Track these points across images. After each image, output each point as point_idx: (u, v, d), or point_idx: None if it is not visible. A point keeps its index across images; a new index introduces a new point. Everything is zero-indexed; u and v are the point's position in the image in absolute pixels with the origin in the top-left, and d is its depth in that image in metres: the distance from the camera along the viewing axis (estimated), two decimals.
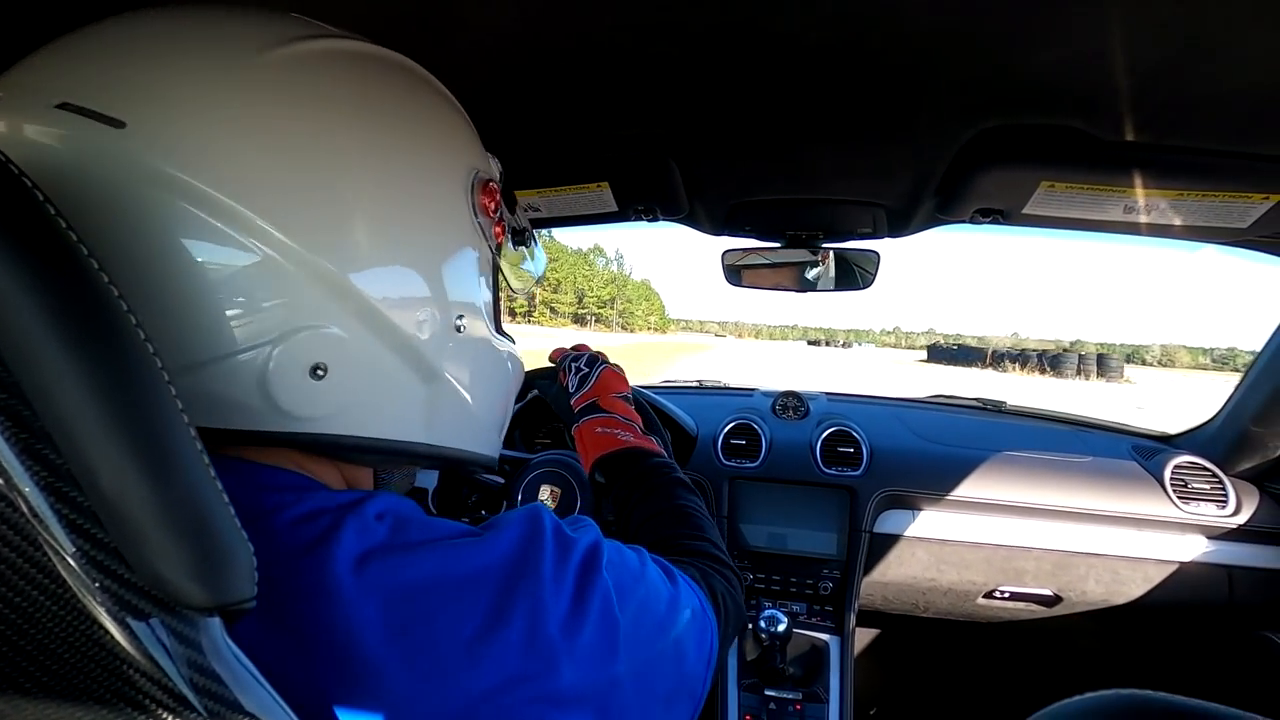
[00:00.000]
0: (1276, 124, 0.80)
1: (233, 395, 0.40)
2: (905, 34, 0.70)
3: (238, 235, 0.38)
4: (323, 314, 0.41)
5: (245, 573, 0.30)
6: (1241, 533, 1.34)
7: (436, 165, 0.49)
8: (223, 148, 0.39)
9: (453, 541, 0.42)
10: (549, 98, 0.91)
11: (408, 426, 0.48)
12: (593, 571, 0.45)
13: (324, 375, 0.42)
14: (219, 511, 0.30)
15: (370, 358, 0.44)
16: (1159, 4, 0.62)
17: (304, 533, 0.39)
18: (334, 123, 0.43)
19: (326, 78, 0.43)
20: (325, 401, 0.43)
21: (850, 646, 1.36)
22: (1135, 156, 0.90)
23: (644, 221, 1.32)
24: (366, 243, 0.43)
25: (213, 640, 0.29)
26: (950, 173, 1.02)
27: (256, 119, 0.40)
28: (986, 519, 1.43)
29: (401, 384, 0.47)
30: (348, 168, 0.43)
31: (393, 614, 0.38)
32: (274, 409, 0.41)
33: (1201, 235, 1.07)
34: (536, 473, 1.13)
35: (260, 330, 0.40)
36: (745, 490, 1.50)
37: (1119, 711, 0.48)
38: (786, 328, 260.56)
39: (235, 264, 0.39)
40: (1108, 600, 1.40)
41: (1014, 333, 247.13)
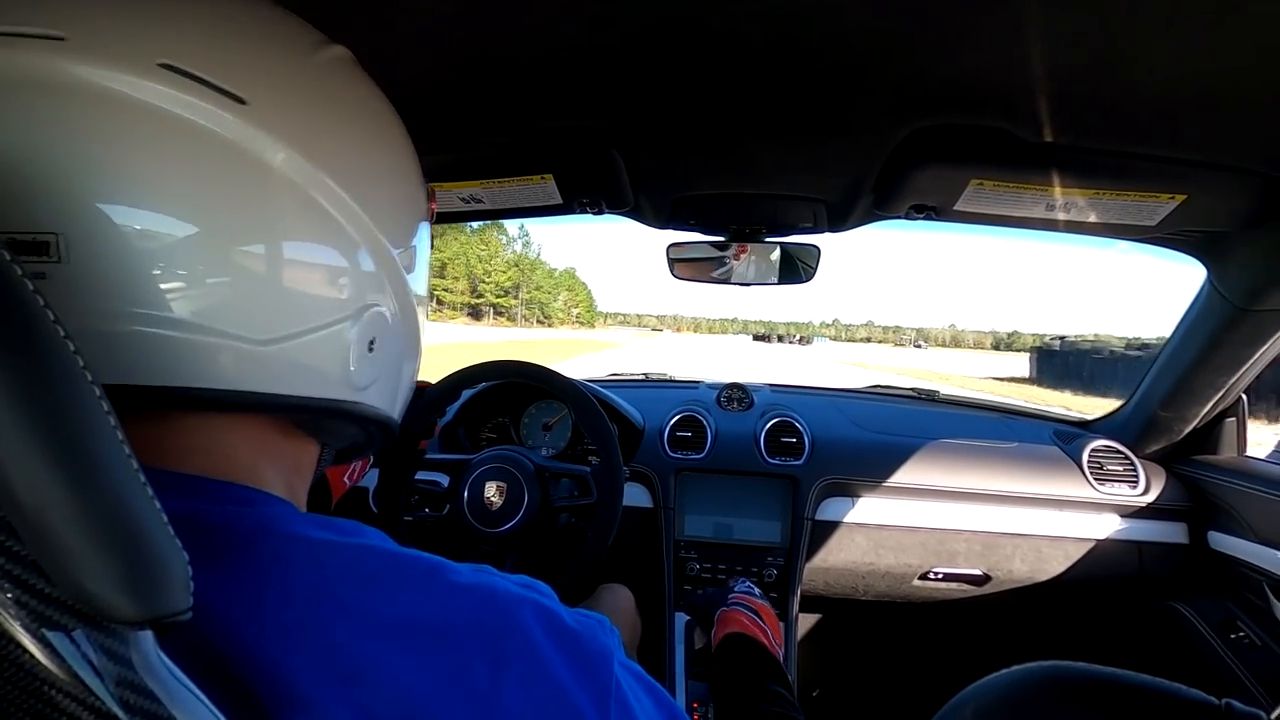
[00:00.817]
0: (1181, 128, 0.86)
1: (319, 364, 0.42)
2: (841, 33, 0.72)
3: (338, 216, 0.41)
4: (382, 292, 0.46)
5: (179, 583, 0.28)
6: (1150, 510, 1.44)
7: (417, 171, 0.54)
8: (324, 133, 0.41)
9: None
10: (491, 87, 0.90)
11: (393, 400, 0.51)
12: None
13: (374, 350, 0.45)
14: (149, 519, 0.28)
15: (399, 336, 0.48)
16: (1075, 15, 0.65)
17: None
18: (374, 120, 0.47)
19: (357, 79, 0.47)
20: (371, 374, 0.45)
21: (794, 631, 1.40)
22: (1056, 157, 0.95)
23: (589, 214, 1.31)
24: (403, 230, 0.48)
25: (144, 655, 0.27)
26: (886, 170, 1.05)
27: (337, 109, 0.43)
28: (921, 504, 1.49)
29: (403, 360, 0.51)
30: (390, 161, 0.48)
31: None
32: (345, 379, 0.43)
33: (1115, 232, 1.14)
34: (482, 470, 1.11)
35: (346, 305, 0.42)
36: (691, 481, 1.52)
37: (1042, 681, 0.51)
38: (727, 321, 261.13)
39: (336, 243, 0.42)
40: (1032, 578, 1.48)
41: (951, 324, 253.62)
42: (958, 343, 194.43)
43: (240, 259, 0.37)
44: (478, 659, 0.35)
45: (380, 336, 0.45)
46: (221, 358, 0.37)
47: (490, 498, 1.09)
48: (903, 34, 0.71)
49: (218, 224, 0.36)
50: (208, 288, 0.36)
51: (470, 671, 0.35)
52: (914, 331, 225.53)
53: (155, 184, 0.35)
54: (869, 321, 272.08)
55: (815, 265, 1.47)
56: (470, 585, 0.38)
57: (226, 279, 0.37)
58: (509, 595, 0.38)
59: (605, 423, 1.13)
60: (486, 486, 1.10)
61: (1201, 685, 0.47)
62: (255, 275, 0.38)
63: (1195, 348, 1.31)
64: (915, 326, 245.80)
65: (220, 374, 0.37)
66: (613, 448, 1.12)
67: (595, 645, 0.40)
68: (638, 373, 2.05)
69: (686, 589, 1.46)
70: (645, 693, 0.43)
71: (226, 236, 0.37)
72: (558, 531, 1.19)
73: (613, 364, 22.32)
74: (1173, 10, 0.63)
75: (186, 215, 0.36)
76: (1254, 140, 0.86)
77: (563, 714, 0.36)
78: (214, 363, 0.37)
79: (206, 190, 0.36)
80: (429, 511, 1.17)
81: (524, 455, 1.14)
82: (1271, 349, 1.24)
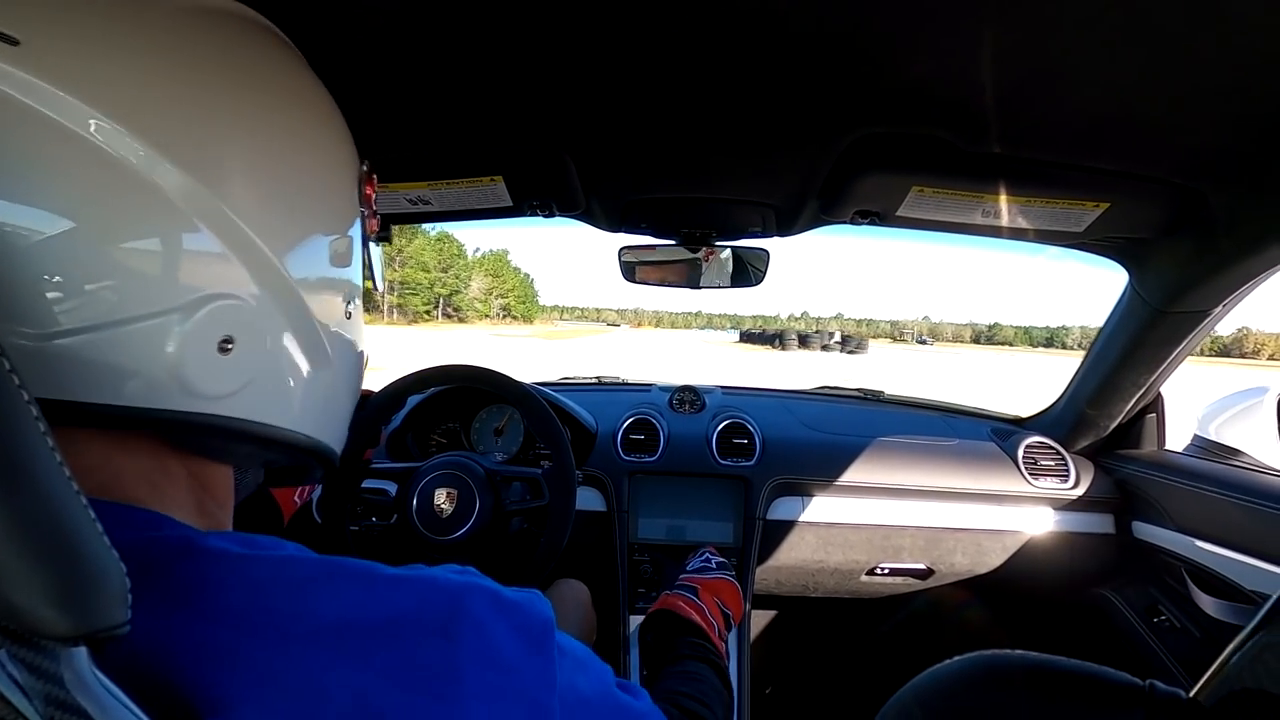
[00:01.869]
0: (1106, 142, 0.91)
1: (125, 366, 0.35)
2: (787, 41, 0.74)
3: (159, 182, 0.35)
4: (237, 282, 0.39)
5: (116, 595, 0.26)
6: (1081, 503, 1.52)
7: (334, 149, 0.48)
8: (135, 86, 0.35)
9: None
10: (439, 84, 0.88)
11: (294, 415, 0.45)
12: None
13: (230, 350, 0.38)
14: (83, 529, 0.26)
15: (274, 335, 0.42)
16: (1009, 34, 0.69)
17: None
18: (241, 83, 0.40)
19: (233, 35, 0.41)
20: (228, 379, 0.39)
21: (747, 630, 1.41)
22: (991, 166, 0.99)
23: (540, 217, 1.30)
24: (281, 212, 0.41)
25: (77, 672, 0.25)
26: (832, 176, 1.08)
27: (166, 60, 0.37)
28: (868, 501, 1.53)
29: (295, 367, 0.44)
30: (258, 129, 0.41)
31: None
32: (178, 384, 0.37)
33: (1046, 238, 1.20)
34: (431, 476, 1.09)
35: (172, 294, 0.36)
36: (645, 484, 1.52)
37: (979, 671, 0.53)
38: (690, 315, 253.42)
39: (144, 213, 0.35)
40: (973, 570, 1.53)
41: (924, 316, 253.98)
42: (936, 335, 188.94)
43: (3, 232, 0.31)
44: (429, 645, 0.34)
45: (243, 335, 0.39)
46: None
47: (440, 505, 1.07)
48: (847, 44, 0.73)
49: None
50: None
51: (423, 659, 0.34)
52: (888, 323, 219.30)
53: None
54: (839, 314, 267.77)
55: (765, 268, 1.50)
56: (408, 577, 0.37)
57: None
58: (449, 580, 0.38)
59: (557, 425, 1.12)
60: (436, 494, 1.07)
61: (1129, 668, 0.49)
62: (24, 251, 0.32)
63: (1119, 348, 1.38)
64: (890, 318, 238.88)
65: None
66: (565, 449, 1.11)
67: (537, 615, 0.40)
68: (590, 376, 2.05)
69: (640, 591, 1.46)
70: (585, 659, 0.44)
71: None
72: (510, 537, 1.18)
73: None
74: (1099, 33, 0.66)
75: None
76: (1170, 154, 0.91)
77: (514, 686, 0.36)
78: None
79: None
80: (376, 521, 1.14)
81: (475, 460, 1.12)
82: (1187, 348, 1.32)
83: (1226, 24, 0.63)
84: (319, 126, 0.47)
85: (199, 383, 0.37)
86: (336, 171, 0.48)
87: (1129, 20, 0.64)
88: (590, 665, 0.45)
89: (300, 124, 0.45)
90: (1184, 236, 1.08)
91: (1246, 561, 1.17)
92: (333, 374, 0.48)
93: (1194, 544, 1.28)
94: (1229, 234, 1.01)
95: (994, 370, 32.87)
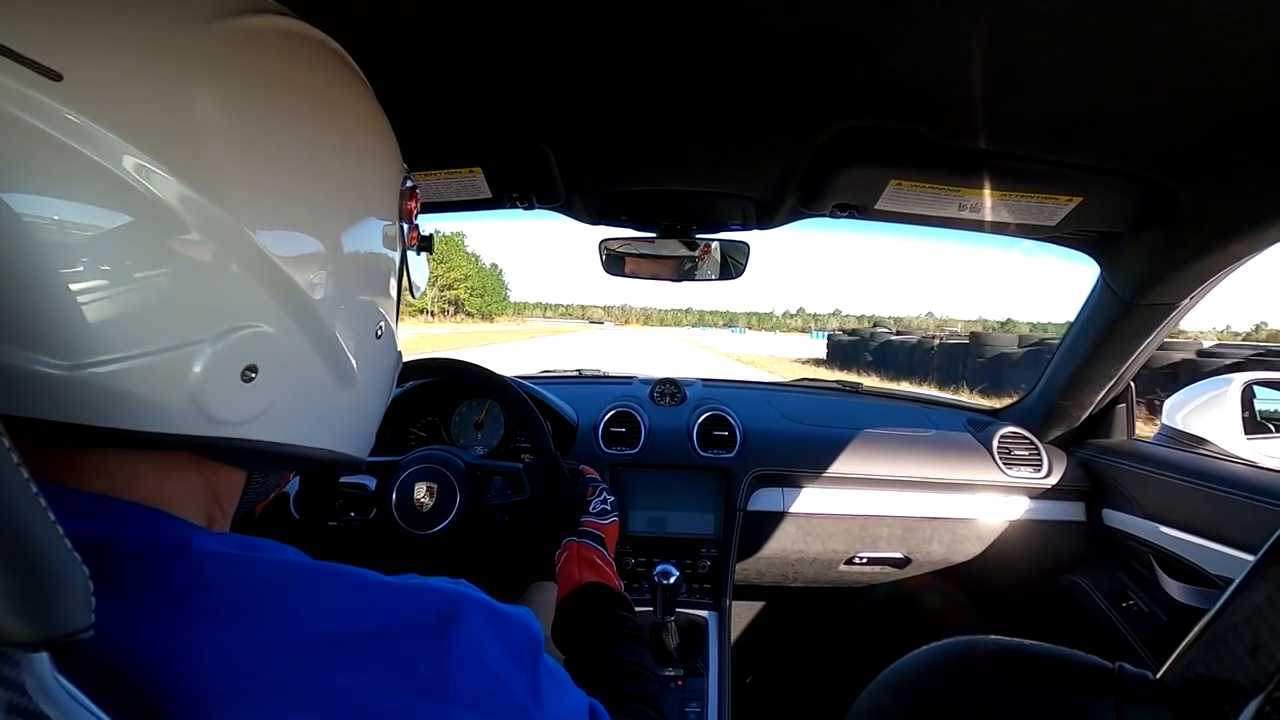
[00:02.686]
0: (1078, 137, 0.92)
1: (149, 395, 0.35)
2: (766, 34, 0.74)
3: (183, 216, 0.34)
4: (262, 312, 0.38)
5: (79, 600, 0.26)
6: (1053, 492, 1.55)
7: (375, 165, 0.47)
8: (171, 119, 0.34)
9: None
10: (416, 74, 0.87)
11: (316, 431, 0.45)
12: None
13: (254, 378, 0.39)
14: (42, 532, 0.25)
15: (300, 361, 0.42)
16: (983, 30, 0.69)
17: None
18: (283, 106, 0.40)
19: (276, 57, 0.40)
20: (251, 405, 0.39)
21: (728, 620, 1.43)
22: (968, 160, 1.00)
23: (520, 209, 1.29)
24: (311, 238, 0.41)
25: (39, 678, 0.25)
26: (811, 169, 1.09)
27: (205, 92, 0.36)
28: (847, 492, 1.54)
29: (320, 388, 0.44)
30: (295, 156, 0.40)
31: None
32: (199, 412, 0.37)
33: (1021, 232, 1.22)
34: (411, 470, 1.08)
35: (196, 325, 0.36)
36: (626, 476, 1.52)
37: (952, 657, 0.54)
38: (680, 311, 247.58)
39: (176, 248, 0.35)
40: (949, 559, 1.56)
41: (928, 312, 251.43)
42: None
43: (24, 268, 0.31)
44: (423, 652, 0.35)
45: (267, 362, 0.39)
46: (28, 382, 0.33)
47: (420, 499, 1.06)
48: (826, 37, 0.74)
49: (9, 219, 0.31)
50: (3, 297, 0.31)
51: (418, 665, 0.34)
52: (892, 319, 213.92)
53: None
54: (836, 310, 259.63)
55: (745, 261, 1.50)
56: (405, 585, 0.37)
57: (18, 288, 0.31)
58: (445, 590, 0.38)
59: (538, 418, 1.12)
60: (416, 488, 1.06)
61: (1098, 651, 0.50)
62: (58, 284, 0.32)
63: (1090, 340, 1.41)
64: (894, 315, 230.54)
65: (32, 400, 0.33)
66: (546, 443, 1.10)
67: (527, 632, 0.40)
68: (571, 369, 2.04)
69: (622, 582, 1.46)
70: (566, 681, 0.45)
71: (22, 240, 0.31)
72: (491, 531, 1.18)
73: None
74: (1070, 30, 0.67)
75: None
76: (1140, 149, 0.93)
77: (504, 697, 0.37)
78: (22, 387, 0.33)
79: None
80: (355, 516, 1.13)
81: (455, 454, 1.12)
82: (1156, 339, 1.35)
83: (1194, 23, 0.64)
84: (361, 147, 0.46)
85: (220, 410, 0.38)
86: (378, 191, 0.47)
87: (1099, 18, 0.65)
88: (570, 688, 0.45)
89: (339, 148, 0.44)
90: (1153, 231, 1.11)
91: (1211, 547, 1.20)
92: (359, 391, 0.48)
93: (1161, 530, 1.31)
94: (1196, 229, 1.04)
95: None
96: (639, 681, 0.69)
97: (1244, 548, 1.14)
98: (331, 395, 0.45)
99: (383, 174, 0.48)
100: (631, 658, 0.73)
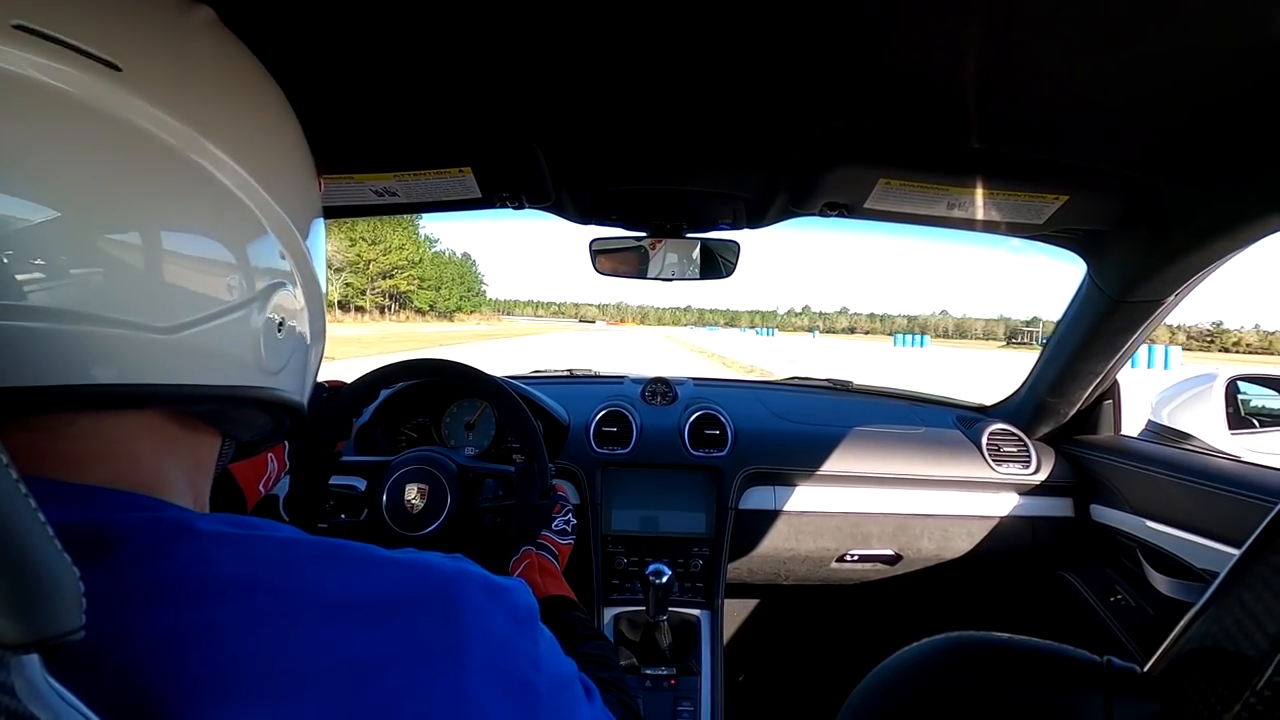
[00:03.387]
0: (1064, 136, 0.93)
1: (229, 350, 0.40)
2: (754, 32, 0.74)
3: (238, 192, 0.39)
4: (285, 271, 0.44)
5: (69, 601, 0.25)
6: (1042, 488, 1.56)
7: (303, 139, 0.51)
8: (212, 103, 0.39)
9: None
10: (407, 72, 0.87)
11: (302, 383, 0.50)
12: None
13: (283, 330, 0.44)
14: (31, 533, 0.25)
15: (304, 316, 0.47)
16: (970, 30, 0.70)
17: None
18: (259, 89, 0.45)
19: (230, 44, 0.44)
20: (282, 356, 0.44)
21: (720, 619, 1.43)
22: (955, 159, 1.01)
23: (510, 209, 1.29)
24: (305, 206, 0.47)
25: (29, 680, 0.24)
26: (801, 168, 1.09)
27: (221, 76, 0.41)
28: (838, 489, 1.55)
29: (309, 343, 0.49)
30: (281, 132, 0.46)
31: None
32: (258, 364, 0.42)
33: (1009, 230, 1.23)
34: (401, 472, 1.08)
35: (253, 286, 0.41)
36: (618, 476, 1.52)
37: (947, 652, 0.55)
38: (679, 310, 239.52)
39: (237, 221, 0.40)
40: (939, 555, 1.57)
41: (943, 310, 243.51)
42: (964, 332, 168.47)
43: (133, 240, 0.35)
44: (428, 621, 0.36)
45: (288, 319, 0.44)
46: (119, 349, 0.34)
47: (411, 500, 1.05)
48: (813, 37, 0.74)
49: (100, 203, 0.33)
50: (96, 272, 0.33)
51: (424, 633, 0.35)
52: (906, 319, 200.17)
53: (22, 163, 0.31)
54: (843, 308, 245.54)
55: (735, 260, 1.50)
56: (405, 559, 0.38)
57: (120, 262, 0.34)
58: (443, 563, 0.40)
59: (530, 420, 1.12)
60: (407, 489, 1.06)
61: (1087, 645, 0.51)
62: (152, 257, 0.35)
63: (1077, 337, 1.42)
64: (908, 314, 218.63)
65: (119, 367, 0.35)
66: (538, 445, 1.10)
67: (526, 600, 0.42)
68: (562, 369, 2.04)
69: (614, 583, 1.46)
70: (559, 650, 0.46)
71: (112, 216, 0.34)
72: (482, 532, 1.17)
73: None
74: (1057, 30, 0.68)
75: (60, 194, 0.32)
76: (1126, 148, 0.94)
77: (508, 663, 0.38)
78: (110, 355, 0.34)
79: (84, 168, 0.33)
80: (345, 517, 1.12)
81: (446, 455, 1.11)
82: (1142, 336, 1.37)
83: (1178, 22, 0.65)
84: (292, 118, 0.50)
85: (270, 361, 0.43)
86: (311, 166, 0.52)
87: (1085, 17, 0.66)
88: (563, 656, 0.47)
89: (286, 117, 0.48)
90: (1138, 229, 1.12)
91: (1196, 541, 1.22)
92: (321, 346, 0.53)
93: (1147, 525, 1.33)
94: (1181, 226, 1.05)
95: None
96: (608, 670, 0.72)
97: (1228, 541, 1.16)
98: (310, 349, 0.51)
99: (309, 155, 0.52)
100: (598, 651, 0.76)
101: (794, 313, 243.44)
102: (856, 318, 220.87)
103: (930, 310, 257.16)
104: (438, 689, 0.34)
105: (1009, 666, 0.51)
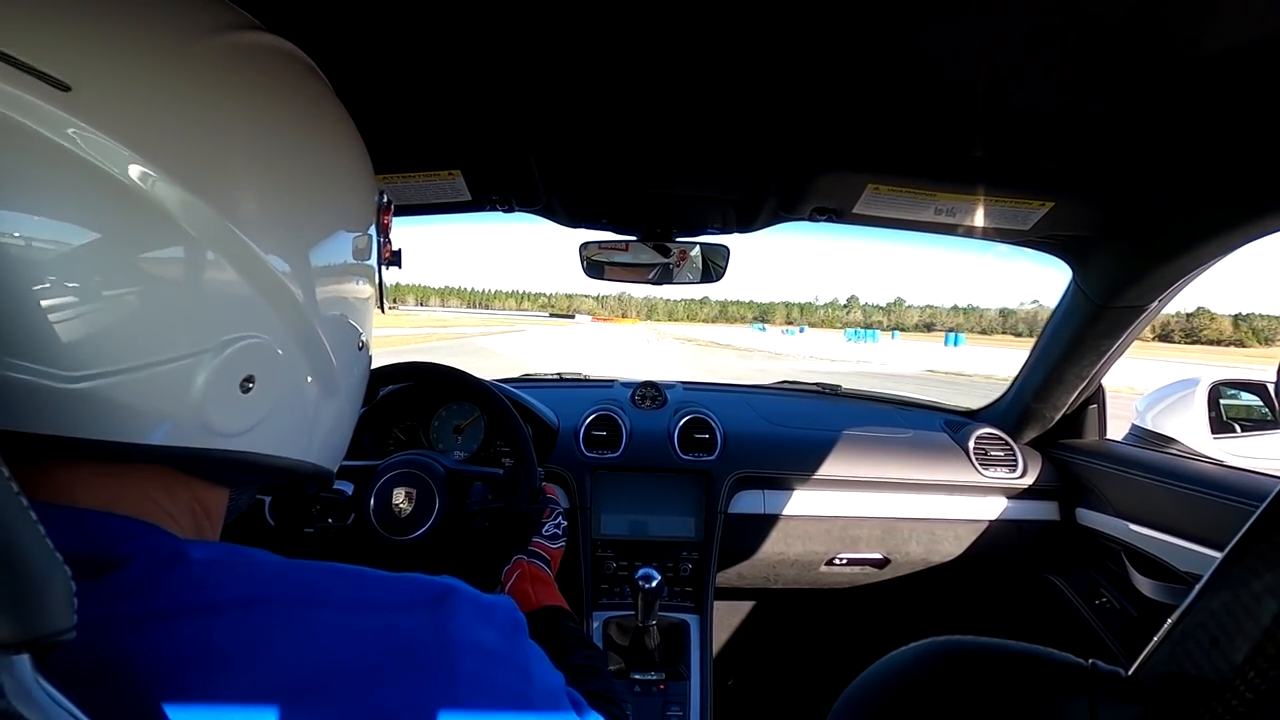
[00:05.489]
0: (1050, 142, 0.94)
1: (151, 407, 0.35)
2: (742, 37, 0.74)
3: (188, 227, 0.35)
4: (260, 322, 0.39)
5: (60, 600, 0.25)
6: (1029, 491, 1.57)
7: (356, 177, 0.48)
8: (177, 131, 0.35)
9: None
10: (397, 75, 0.86)
11: (303, 443, 0.46)
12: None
13: (252, 389, 0.39)
14: (23, 532, 0.25)
15: (293, 371, 0.43)
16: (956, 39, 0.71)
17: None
18: (278, 120, 0.41)
19: (266, 73, 0.41)
20: (247, 416, 0.40)
21: (709, 623, 1.43)
22: (943, 165, 1.02)
23: (500, 212, 1.29)
24: (306, 250, 0.42)
25: (19, 680, 0.24)
26: (790, 173, 1.10)
27: (205, 105, 0.37)
28: (826, 493, 1.56)
29: (309, 399, 0.45)
30: (290, 168, 0.41)
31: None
32: (200, 424, 0.37)
33: (996, 236, 1.24)
34: (389, 476, 1.07)
35: (200, 335, 0.36)
36: (607, 480, 1.52)
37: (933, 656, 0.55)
38: (696, 303, 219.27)
39: (181, 257, 0.35)
40: (927, 559, 1.58)
41: (954, 305, 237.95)
42: (985, 328, 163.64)
43: (34, 277, 0.31)
44: (421, 634, 0.36)
45: (263, 373, 0.40)
46: (22, 395, 0.32)
47: (399, 505, 1.05)
48: (801, 43, 0.75)
49: (21, 229, 0.31)
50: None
51: (419, 644, 0.36)
52: (997, 311, 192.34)
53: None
54: (898, 300, 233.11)
55: (725, 264, 1.51)
56: (396, 577, 0.39)
57: (19, 301, 0.31)
58: (431, 580, 0.40)
59: (518, 423, 1.11)
60: (395, 493, 1.05)
61: (1073, 648, 0.51)
62: (57, 300, 0.32)
63: (1062, 342, 1.44)
64: (999, 306, 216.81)
65: (33, 414, 0.32)
66: (527, 449, 1.10)
67: (513, 615, 0.43)
68: (551, 373, 2.03)
69: (604, 587, 1.46)
70: (547, 662, 0.47)
71: (28, 250, 0.31)
72: (471, 536, 1.17)
73: None
74: (1044, 38, 0.69)
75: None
76: (1111, 156, 0.95)
77: (498, 676, 0.38)
78: (23, 400, 0.32)
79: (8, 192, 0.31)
80: (332, 522, 1.11)
81: (434, 459, 1.10)
82: (1127, 341, 1.38)
83: (1163, 33, 0.66)
84: (345, 161, 0.47)
85: (220, 422, 0.38)
86: (359, 203, 0.48)
87: (1072, 26, 0.66)
88: (551, 668, 0.47)
89: (328, 162, 0.44)
90: (1123, 235, 1.13)
91: (1179, 544, 1.23)
92: (340, 402, 0.49)
93: (1132, 529, 1.34)
94: (1164, 233, 1.06)
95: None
96: (599, 680, 0.72)
97: (1211, 544, 1.17)
98: (317, 407, 0.46)
99: (363, 186, 0.49)
100: (588, 662, 0.76)
101: (836, 305, 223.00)
102: (909, 310, 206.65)
103: (941, 302, 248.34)
104: (431, 701, 0.34)
105: (994, 670, 0.52)
